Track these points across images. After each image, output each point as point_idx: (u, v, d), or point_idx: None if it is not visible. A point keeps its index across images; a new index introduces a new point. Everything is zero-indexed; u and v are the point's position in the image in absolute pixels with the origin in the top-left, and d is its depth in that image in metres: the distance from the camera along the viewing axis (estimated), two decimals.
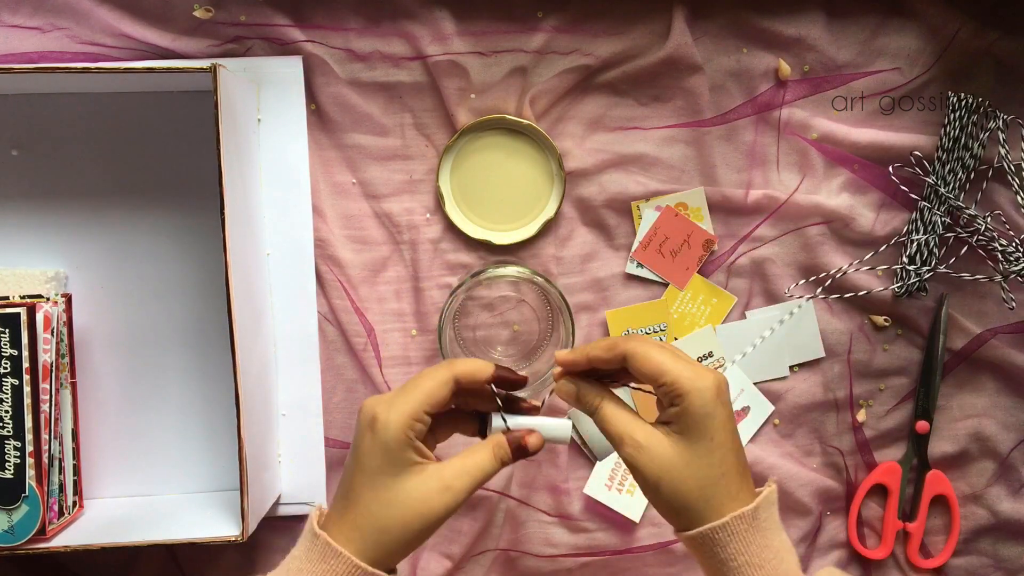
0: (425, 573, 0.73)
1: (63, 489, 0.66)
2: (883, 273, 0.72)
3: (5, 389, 0.62)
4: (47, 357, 0.63)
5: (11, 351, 0.62)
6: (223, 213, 0.60)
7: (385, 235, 0.72)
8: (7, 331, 0.62)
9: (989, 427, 0.75)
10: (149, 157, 0.69)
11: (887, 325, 0.74)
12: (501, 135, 0.71)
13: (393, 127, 0.71)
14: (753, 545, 0.52)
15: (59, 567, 0.72)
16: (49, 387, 0.64)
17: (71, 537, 0.64)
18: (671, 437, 0.53)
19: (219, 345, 0.69)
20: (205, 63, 0.60)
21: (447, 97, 0.70)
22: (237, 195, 0.62)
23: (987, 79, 0.73)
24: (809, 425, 0.74)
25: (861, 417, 0.74)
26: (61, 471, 0.66)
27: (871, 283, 0.72)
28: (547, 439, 0.57)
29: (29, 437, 0.63)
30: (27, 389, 0.63)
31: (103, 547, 0.62)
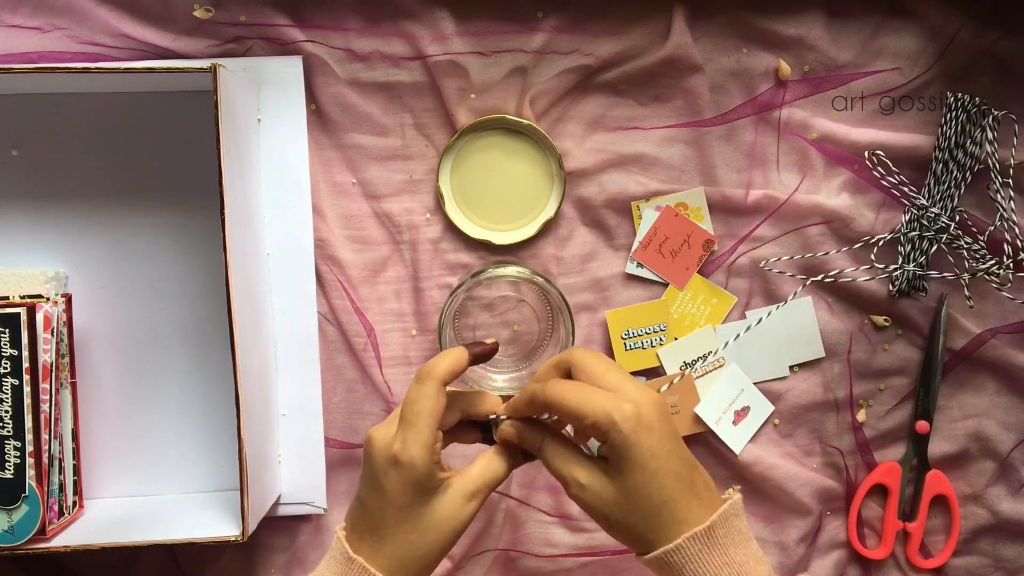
0: None
1: (63, 489, 0.66)
2: (868, 270, 0.72)
3: (5, 389, 0.62)
4: (47, 357, 0.63)
5: (11, 351, 0.62)
6: (223, 213, 0.60)
7: (385, 235, 0.72)
8: (7, 331, 0.62)
9: (989, 427, 0.74)
10: (149, 157, 0.69)
11: (887, 325, 0.74)
12: (501, 135, 0.71)
13: (393, 127, 0.71)
14: (711, 565, 0.51)
15: (59, 567, 0.72)
16: (49, 387, 0.64)
17: (71, 537, 0.64)
18: (608, 474, 0.53)
19: (219, 345, 0.69)
20: (205, 63, 0.60)
21: (447, 97, 0.70)
22: (237, 195, 0.62)
23: (987, 79, 0.73)
24: (809, 425, 0.74)
25: (861, 417, 0.74)
26: (61, 471, 0.66)
27: (867, 280, 0.72)
28: None
29: (29, 437, 0.63)
30: (27, 389, 0.63)
31: (103, 547, 0.62)
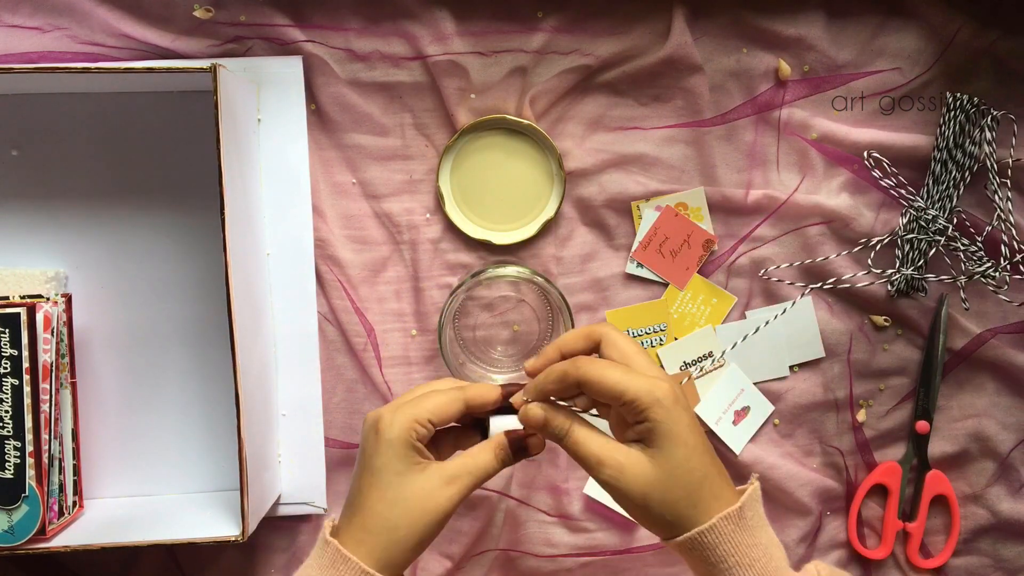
0: (425, 573, 0.73)
1: (63, 489, 0.66)
2: (866, 276, 0.72)
3: (5, 389, 0.62)
4: (47, 357, 0.63)
5: (11, 351, 0.62)
6: (223, 213, 0.60)
7: (385, 235, 0.72)
8: (7, 331, 0.62)
9: (989, 427, 0.74)
10: (149, 157, 0.69)
11: (887, 325, 0.74)
12: (501, 135, 0.71)
13: (393, 127, 0.71)
14: (742, 545, 0.52)
15: (59, 567, 0.72)
16: (49, 387, 0.64)
17: (71, 537, 0.64)
18: (647, 452, 0.53)
19: (219, 345, 0.69)
20: (205, 63, 0.60)
21: (447, 97, 0.70)
22: (237, 195, 0.62)
23: (987, 79, 0.73)
24: (809, 425, 0.74)
25: (861, 417, 0.74)
26: (61, 471, 0.66)
27: (866, 280, 0.72)
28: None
29: (29, 437, 0.63)
30: (27, 389, 0.63)
31: (103, 547, 0.62)
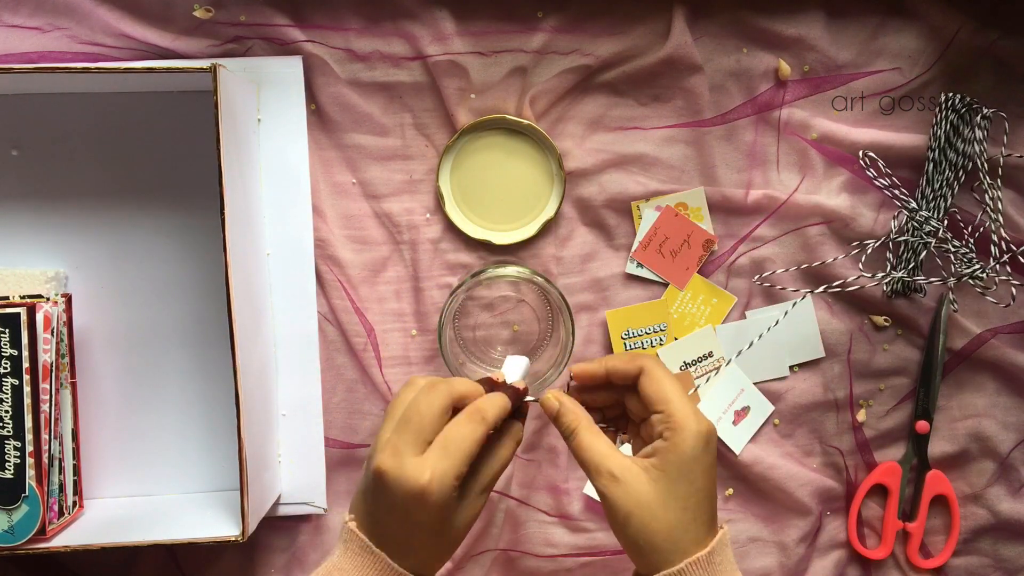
0: None
1: (63, 489, 0.66)
2: (858, 280, 0.71)
3: (5, 389, 0.62)
4: (47, 357, 0.63)
5: (11, 351, 0.62)
6: (223, 213, 0.60)
7: (385, 235, 0.72)
8: (7, 331, 0.62)
9: (989, 427, 0.74)
10: (149, 157, 0.69)
11: (887, 325, 0.74)
12: (501, 135, 0.71)
13: (393, 127, 0.71)
14: None
15: (59, 567, 0.72)
16: (49, 387, 0.64)
17: (71, 537, 0.64)
18: (650, 473, 0.53)
19: (219, 345, 0.69)
20: (205, 63, 0.60)
21: (447, 97, 0.70)
22: (237, 195, 0.62)
23: (987, 79, 0.73)
24: (809, 425, 0.74)
25: (861, 417, 0.74)
26: (61, 471, 0.66)
27: (867, 286, 0.72)
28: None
29: (29, 437, 0.63)
30: (27, 389, 0.63)
31: (103, 547, 0.62)
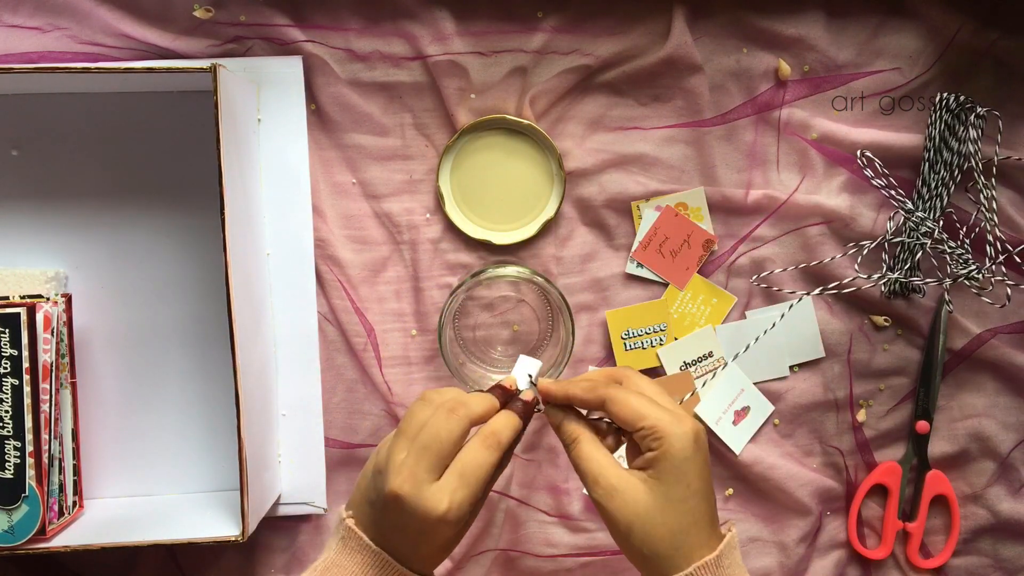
0: None
1: (63, 489, 0.66)
2: (854, 280, 0.71)
3: (5, 389, 0.62)
4: (47, 357, 0.63)
5: (11, 351, 0.62)
6: (223, 213, 0.60)
7: (385, 235, 0.72)
8: (7, 331, 0.62)
9: (989, 427, 0.74)
10: (149, 157, 0.69)
11: (887, 325, 0.74)
12: (501, 135, 0.71)
13: (393, 127, 0.71)
14: None
15: (59, 567, 0.72)
16: (49, 387, 0.64)
17: (71, 537, 0.64)
18: (646, 483, 0.53)
19: (219, 345, 0.69)
20: (205, 63, 0.60)
21: (447, 97, 0.70)
22: (237, 195, 0.62)
23: (987, 79, 0.73)
24: (809, 425, 0.74)
25: (861, 417, 0.74)
26: (61, 471, 0.66)
27: (862, 286, 0.72)
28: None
29: (29, 437, 0.63)
30: (27, 389, 0.63)
31: (103, 547, 0.62)
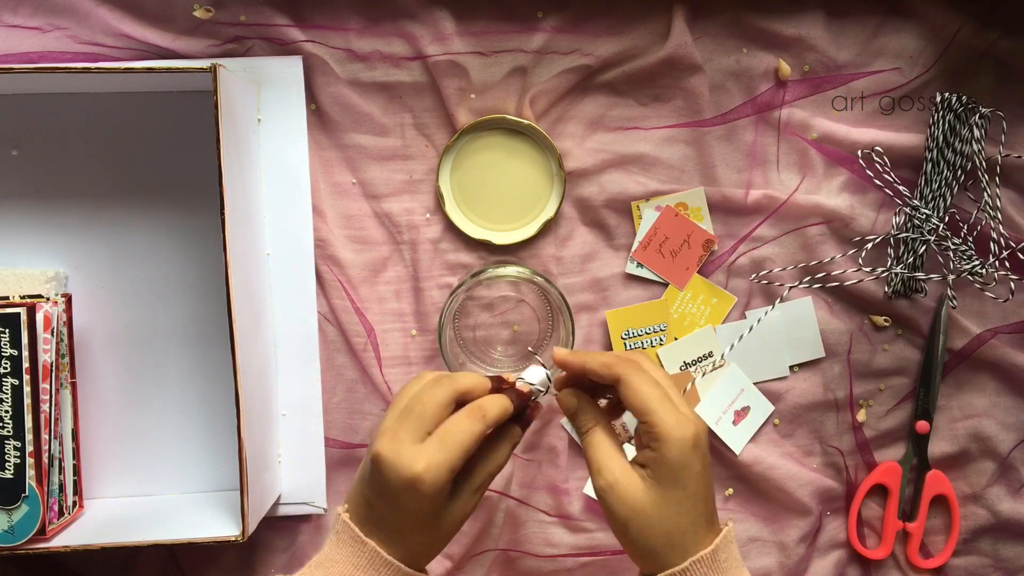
0: None
1: (63, 489, 0.66)
2: (856, 273, 0.71)
3: (5, 389, 0.62)
4: (47, 357, 0.63)
5: (11, 351, 0.62)
6: (223, 213, 0.60)
7: (385, 235, 0.72)
8: (7, 331, 0.62)
9: (989, 427, 0.74)
10: (149, 157, 0.69)
11: (887, 325, 0.74)
12: (501, 135, 0.71)
13: (393, 127, 0.71)
14: None
15: (59, 567, 0.72)
16: (49, 387, 0.64)
17: (71, 537, 0.64)
18: (645, 482, 0.53)
19: (219, 345, 0.69)
20: (205, 63, 0.60)
21: (447, 97, 0.70)
22: (237, 195, 0.62)
23: (987, 79, 0.73)
24: (809, 425, 0.74)
25: (861, 417, 0.74)
26: (61, 471, 0.66)
27: (864, 280, 0.72)
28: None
29: (29, 437, 0.63)
30: (27, 389, 0.63)
31: (103, 547, 0.62)
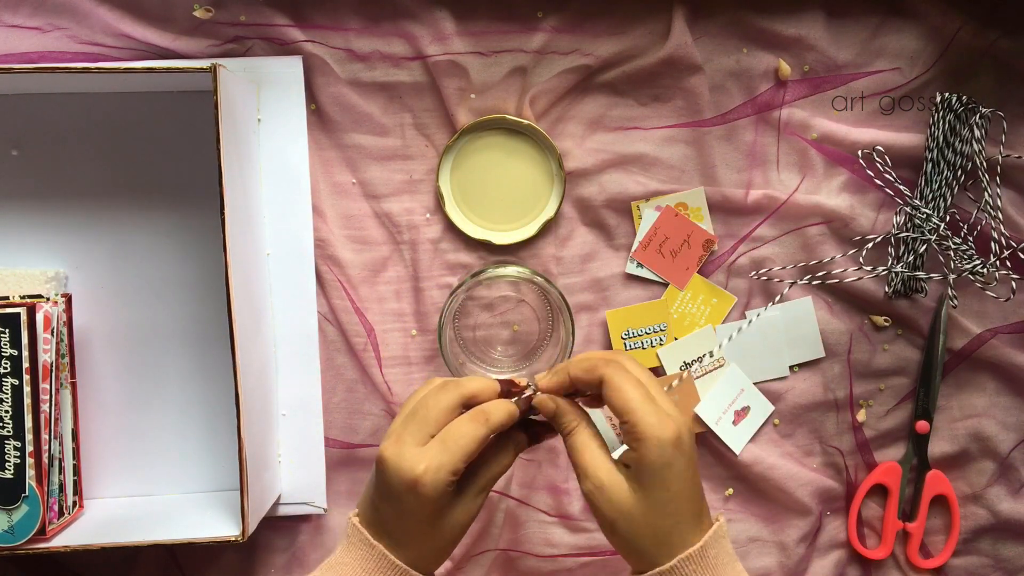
0: None
1: (63, 489, 0.66)
2: (857, 271, 0.71)
3: (5, 389, 0.62)
4: (47, 357, 0.63)
5: (11, 351, 0.62)
6: (223, 213, 0.60)
7: (385, 235, 0.72)
8: (7, 331, 0.62)
9: (989, 427, 0.74)
10: (149, 157, 0.69)
11: (887, 325, 0.74)
12: (501, 135, 0.71)
13: (393, 127, 0.71)
14: None
15: (59, 567, 0.72)
16: (49, 387, 0.64)
17: (71, 537, 0.64)
18: (630, 483, 0.53)
19: (219, 345, 0.69)
20: (205, 63, 0.60)
21: (447, 97, 0.70)
22: (237, 195, 0.62)
23: (987, 79, 0.73)
24: (809, 425, 0.74)
25: (861, 417, 0.74)
26: (61, 471, 0.66)
27: (864, 280, 0.72)
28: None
29: (29, 437, 0.63)
30: (27, 389, 0.63)
31: (103, 547, 0.62)
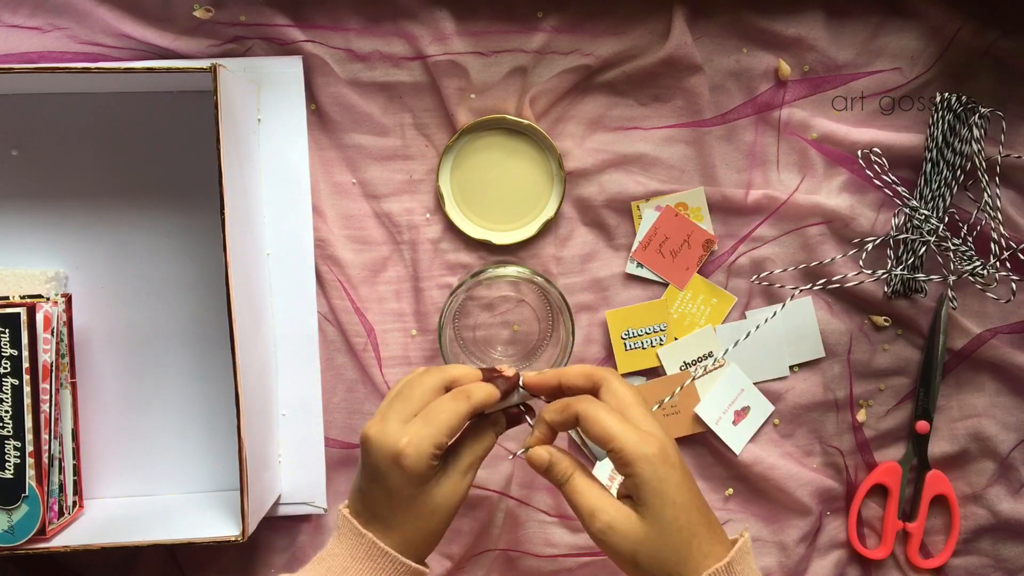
0: None
1: (63, 489, 0.66)
2: (858, 275, 0.71)
3: (5, 389, 0.62)
4: (47, 357, 0.63)
5: (11, 351, 0.62)
6: (223, 213, 0.60)
7: (385, 235, 0.72)
8: (7, 331, 0.62)
9: (989, 427, 0.74)
10: (149, 157, 0.69)
11: (887, 325, 0.74)
12: (501, 135, 0.71)
13: (393, 127, 0.71)
14: None
15: (59, 567, 0.72)
16: (49, 387, 0.64)
17: (71, 537, 0.64)
18: (637, 511, 0.53)
19: (219, 345, 0.69)
20: (205, 63, 0.60)
21: (447, 97, 0.70)
22: (237, 195, 0.62)
23: (987, 79, 0.73)
24: (809, 425, 0.74)
25: (861, 417, 0.74)
26: (61, 471, 0.66)
27: (865, 280, 0.72)
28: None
29: (29, 437, 0.63)
30: (27, 389, 0.63)
31: (103, 547, 0.62)
